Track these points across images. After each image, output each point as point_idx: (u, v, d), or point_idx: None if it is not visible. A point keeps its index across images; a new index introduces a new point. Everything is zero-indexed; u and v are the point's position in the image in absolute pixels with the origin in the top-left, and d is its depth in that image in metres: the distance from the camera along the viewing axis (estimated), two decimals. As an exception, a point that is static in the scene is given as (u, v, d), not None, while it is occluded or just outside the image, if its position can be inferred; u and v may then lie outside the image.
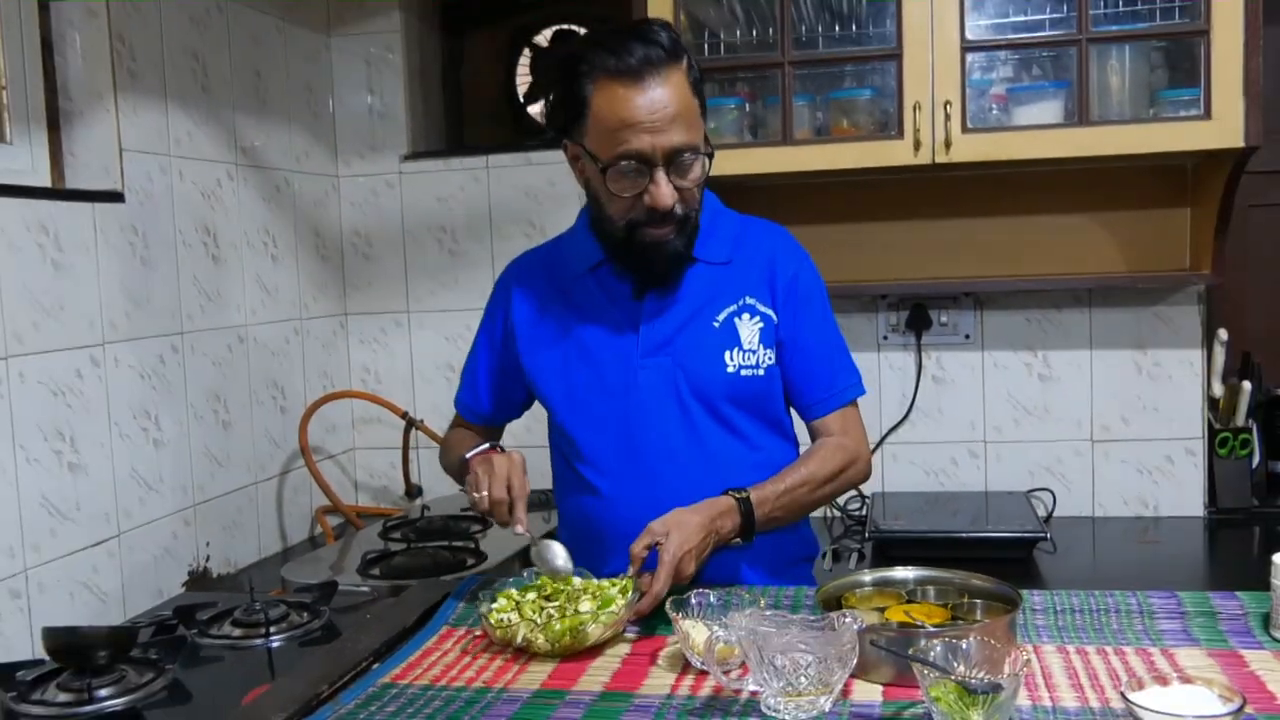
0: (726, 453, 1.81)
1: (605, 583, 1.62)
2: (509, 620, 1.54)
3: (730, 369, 1.79)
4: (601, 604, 1.55)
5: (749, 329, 1.81)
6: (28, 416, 2.04)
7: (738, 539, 1.72)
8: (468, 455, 1.78)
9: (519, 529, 1.64)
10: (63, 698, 1.58)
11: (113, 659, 1.65)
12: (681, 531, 1.62)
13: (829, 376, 1.85)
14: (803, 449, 1.89)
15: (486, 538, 2.50)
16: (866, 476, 1.90)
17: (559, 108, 1.72)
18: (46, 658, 1.68)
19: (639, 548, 1.61)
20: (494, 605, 1.57)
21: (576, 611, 1.52)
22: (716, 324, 1.81)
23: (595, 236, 1.83)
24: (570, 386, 1.85)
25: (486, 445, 1.80)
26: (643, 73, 1.62)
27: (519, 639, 1.51)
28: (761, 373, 1.81)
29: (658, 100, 1.63)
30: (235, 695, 1.50)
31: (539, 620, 1.51)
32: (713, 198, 1.88)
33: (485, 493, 1.66)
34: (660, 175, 1.66)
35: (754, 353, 1.80)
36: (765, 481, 1.76)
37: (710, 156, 1.72)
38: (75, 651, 1.65)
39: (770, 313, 1.82)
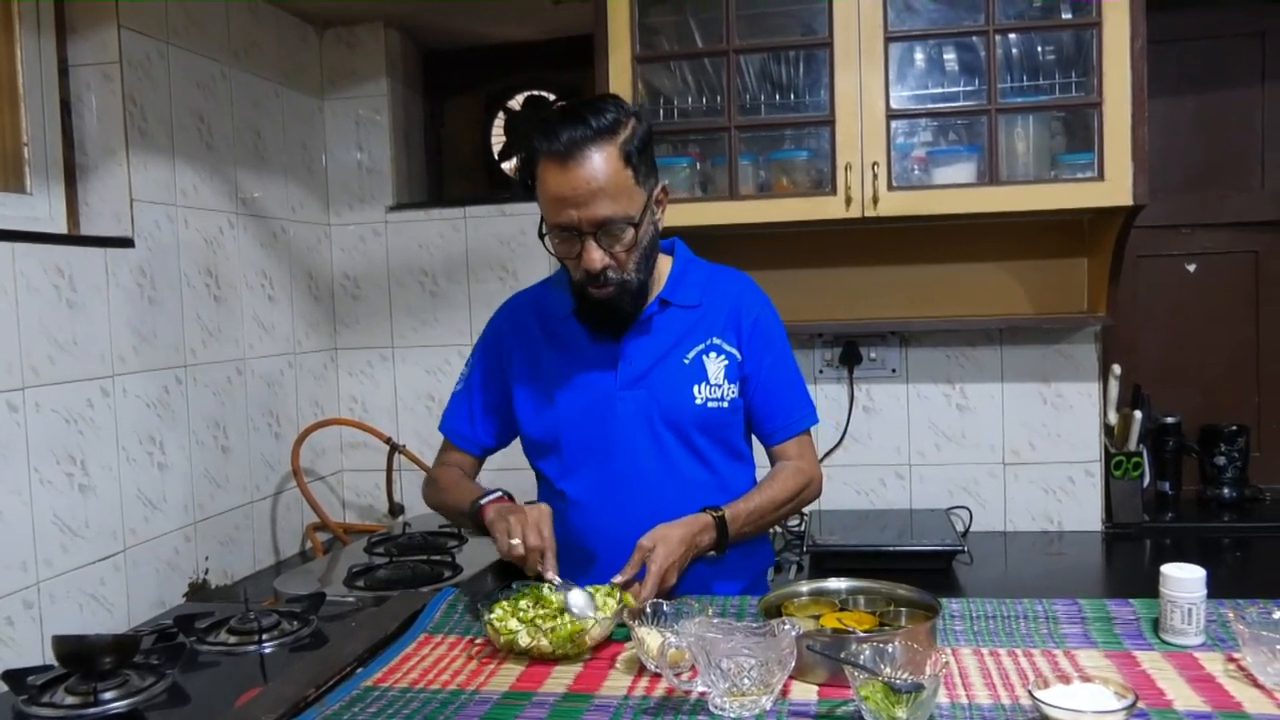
0: (691, 474, 1.82)
1: (590, 589, 1.60)
2: (513, 626, 1.52)
3: (698, 401, 1.80)
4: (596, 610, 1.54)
5: (715, 366, 1.81)
6: (42, 442, 2.01)
7: (713, 551, 1.74)
8: (483, 501, 1.75)
9: (550, 575, 1.61)
10: (70, 700, 1.56)
11: (117, 664, 1.63)
12: (666, 545, 1.63)
13: (787, 408, 1.86)
14: (761, 471, 1.90)
15: (461, 553, 2.48)
16: (819, 495, 1.92)
17: (528, 180, 1.73)
18: (56, 663, 1.65)
19: (633, 565, 1.62)
20: (492, 615, 1.55)
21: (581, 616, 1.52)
22: (686, 361, 1.81)
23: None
24: (555, 414, 1.83)
25: (499, 493, 1.78)
26: (569, 152, 1.61)
27: (523, 642, 1.50)
28: (726, 405, 1.82)
29: (581, 178, 1.61)
30: (230, 698, 1.48)
31: (544, 626, 1.50)
32: (684, 248, 1.90)
33: (518, 540, 1.63)
34: (589, 243, 1.66)
35: (719, 387, 1.81)
36: (738, 500, 1.78)
37: (637, 226, 1.67)
38: (83, 658, 1.62)
39: (735, 352, 1.83)
